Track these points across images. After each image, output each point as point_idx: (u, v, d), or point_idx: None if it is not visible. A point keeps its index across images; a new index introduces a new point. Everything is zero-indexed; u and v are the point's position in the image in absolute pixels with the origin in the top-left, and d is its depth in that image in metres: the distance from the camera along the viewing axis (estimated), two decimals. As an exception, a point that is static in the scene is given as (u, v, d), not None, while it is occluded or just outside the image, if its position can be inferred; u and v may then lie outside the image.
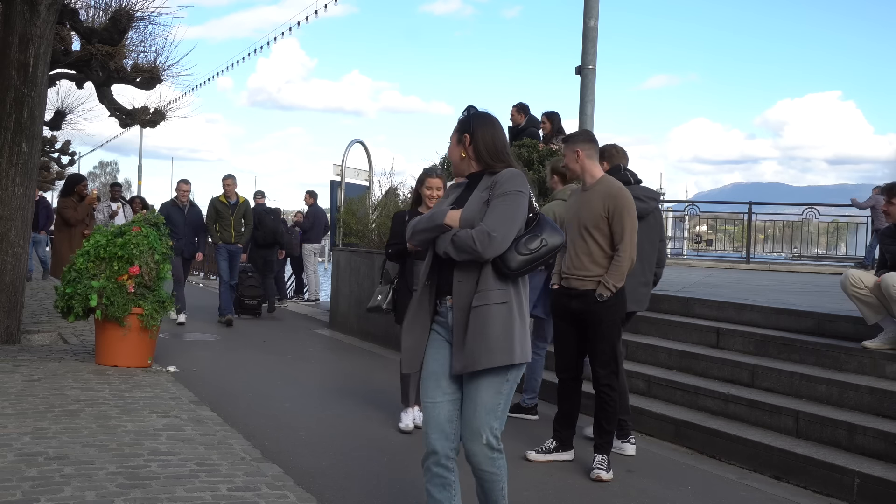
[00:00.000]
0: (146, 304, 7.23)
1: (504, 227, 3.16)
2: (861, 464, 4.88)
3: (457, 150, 3.42)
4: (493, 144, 3.35)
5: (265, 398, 6.81)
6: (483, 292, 3.19)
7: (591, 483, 4.93)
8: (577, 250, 5.00)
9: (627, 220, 4.92)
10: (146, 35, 12.78)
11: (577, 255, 5.01)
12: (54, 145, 30.22)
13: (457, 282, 3.25)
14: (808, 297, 8.39)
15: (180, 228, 11.21)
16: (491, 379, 3.22)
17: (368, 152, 14.72)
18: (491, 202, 3.21)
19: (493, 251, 3.14)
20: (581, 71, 9.82)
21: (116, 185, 17.41)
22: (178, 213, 11.41)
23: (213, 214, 11.53)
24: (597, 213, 4.95)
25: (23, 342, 8.40)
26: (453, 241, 3.19)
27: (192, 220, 11.58)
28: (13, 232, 8.20)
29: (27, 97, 8.17)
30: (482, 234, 3.13)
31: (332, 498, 4.32)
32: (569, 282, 5.06)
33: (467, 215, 3.23)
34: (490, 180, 3.28)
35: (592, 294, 4.95)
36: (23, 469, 4.17)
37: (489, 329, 3.16)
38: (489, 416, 3.23)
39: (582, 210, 5.03)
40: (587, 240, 4.98)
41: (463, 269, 3.23)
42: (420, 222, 3.36)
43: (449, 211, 3.28)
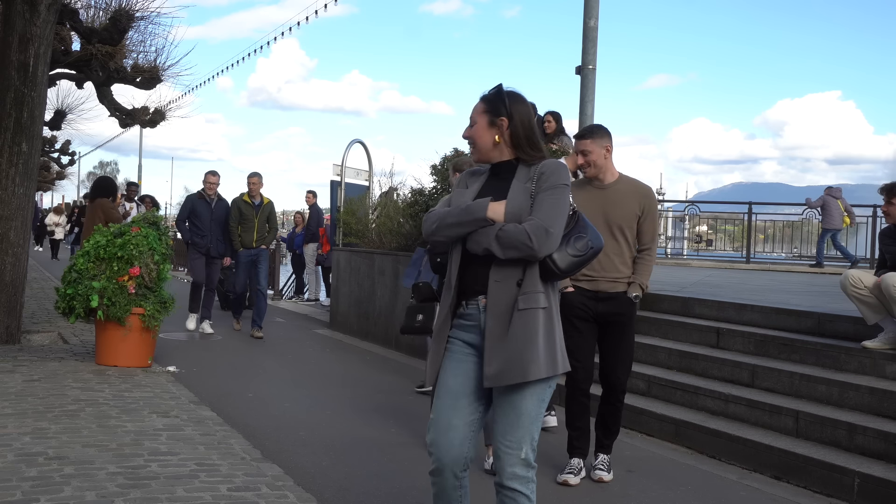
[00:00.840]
0: (147, 305, 7.23)
1: (558, 223, 2.87)
2: (861, 464, 4.88)
3: (489, 135, 3.02)
4: (531, 130, 3.00)
5: (265, 398, 6.81)
6: (529, 294, 2.87)
7: (591, 483, 4.93)
8: (608, 251, 4.65)
9: (656, 220, 4.88)
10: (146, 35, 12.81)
11: (606, 255, 4.67)
12: (54, 145, 30.25)
13: (494, 282, 2.90)
14: (808, 297, 8.39)
15: (206, 224, 10.33)
16: (535, 385, 2.91)
17: (368, 152, 14.72)
18: (538, 195, 2.89)
19: (549, 249, 2.84)
20: (581, 71, 9.81)
21: (133, 185, 17.10)
22: (205, 208, 10.40)
23: (237, 216, 10.38)
24: (631, 212, 4.75)
25: (23, 342, 8.40)
26: (499, 236, 2.84)
27: (220, 215, 10.45)
28: (13, 232, 8.20)
29: (27, 97, 8.18)
30: (539, 229, 2.81)
31: (332, 498, 4.32)
32: (596, 284, 4.75)
33: (513, 209, 2.89)
34: (534, 171, 2.95)
35: (624, 296, 4.77)
36: (23, 469, 4.17)
37: (538, 335, 2.86)
38: (532, 426, 2.95)
39: (611, 209, 4.74)
40: (619, 240, 4.75)
41: (503, 267, 2.89)
42: (450, 215, 2.96)
43: (490, 203, 2.91)
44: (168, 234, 7.98)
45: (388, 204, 11.78)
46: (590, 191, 4.80)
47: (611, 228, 4.71)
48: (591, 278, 4.74)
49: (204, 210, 10.38)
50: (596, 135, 4.80)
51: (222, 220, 10.41)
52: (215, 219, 10.41)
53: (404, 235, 10.47)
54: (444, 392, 3.01)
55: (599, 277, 4.75)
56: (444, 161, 9.60)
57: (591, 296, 4.77)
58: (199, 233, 10.33)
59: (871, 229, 16.38)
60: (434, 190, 9.72)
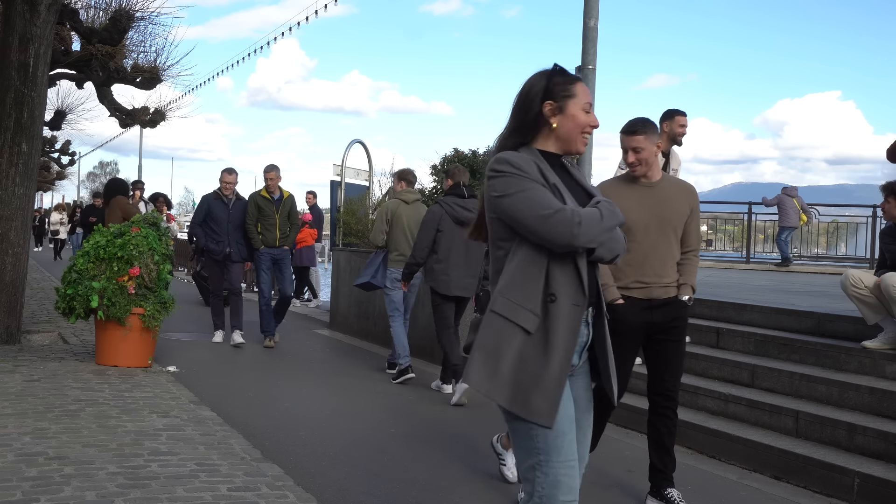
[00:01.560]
0: (147, 305, 7.24)
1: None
2: (861, 464, 4.88)
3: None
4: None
5: (265, 398, 6.81)
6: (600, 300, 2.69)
7: (590, 483, 4.92)
8: (662, 255, 4.35)
9: (699, 219, 4.57)
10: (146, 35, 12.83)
11: (661, 260, 4.34)
12: (54, 145, 30.29)
13: (601, 286, 2.70)
14: (808, 297, 8.39)
15: (223, 227, 9.45)
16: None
17: (368, 152, 14.74)
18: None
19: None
20: (581, 71, 9.81)
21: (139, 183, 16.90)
22: (222, 209, 9.49)
23: (255, 213, 9.47)
24: (683, 212, 4.41)
25: (23, 342, 8.40)
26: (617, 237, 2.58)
27: (238, 217, 9.53)
28: (13, 232, 8.21)
29: (27, 97, 8.18)
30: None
31: (332, 498, 4.32)
32: (649, 292, 4.33)
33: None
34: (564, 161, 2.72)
35: (678, 302, 4.40)
36: (23, 469, 4.17)
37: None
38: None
39: (663, 208, 4.36)
40: (672, 241, 4.38)
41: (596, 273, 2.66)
42: (609, 218, 2.53)
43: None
44: (168, 234, 7.98)
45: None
46: (638, 189, 4.37)
47: (664, 229, 4.35)
48: (645, 285, 4.34)
49: (221, 212, 9.48)
50: (648, 130, 4.39)
51: (242, 222, 9.50)
52: (233, 221, 9.49)
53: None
54: (568, 422, 2.55)
55: (653, 284, 4.35)
56: (444, 161, 9.61)
57: (644, 305, 4.34)
58: (216, 237, 9.45)
59: (871, 229, 16.40)
60: (434, 190, 9.71)
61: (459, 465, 5.13)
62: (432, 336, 9.11)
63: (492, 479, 4.83)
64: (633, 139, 4.34)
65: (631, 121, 4.40)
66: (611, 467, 5.26)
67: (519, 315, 2.48)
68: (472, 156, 9.56)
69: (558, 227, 2.43)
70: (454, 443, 5.66)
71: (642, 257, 4.29)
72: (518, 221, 2.49)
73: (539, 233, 2.45)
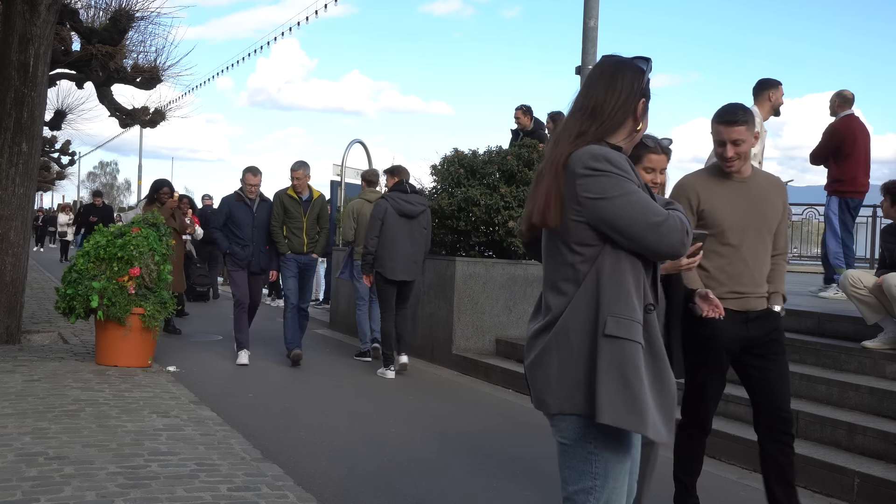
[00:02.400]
0: (147, 305, 7.24)
1: None
2: (861, 464, 4.88)
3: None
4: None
5: (265, 398, 6.81)
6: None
7: (591, 483, 4.92)
8: (759, 261, 3.81)
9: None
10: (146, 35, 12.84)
11: (758, 267, 3.81)
12: (54, 145, 30.29)
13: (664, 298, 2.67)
14: (808, 297, 8.39)
15: (247, 232, 8.50)
16: None
17: (368, 152, 14.74)
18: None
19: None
20: (581, 71, 9.82)
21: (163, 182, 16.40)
22: (245, 212, 8.54)
23: (280, 214, 8.56)
24: (778, 211, 3.86)
25: (23, 342, 8.41)
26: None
27: (264, 220, 8.60)
28: (13, 232, 8.21)
29: (27, 97, 8.19)
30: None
31: (332, 498, 4.32)
32: (746, 303, 3.77)
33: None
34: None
35: (773, 313, 3.85)
36: (23, 469, 4.17)
37: None
38: None
39: (758, 207, 3.79)
40: (769, 246, 3.85)
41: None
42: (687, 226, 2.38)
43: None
44: (169, 235, 7.98)
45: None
46: (731, 187, 3.80)
47: (760, 231, 3.79)
48: (742, 295, 3.77)
49: (244, 215, 8.52)
50: (749, 118, 3.74)
51: (267, 225, 8.57)
52: (258, 225, 8.55)
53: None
54: (634, 450, 2.44)
55: (750, 294, 3.78)
56: (444, 161, 9.61)
57: (741, 318, 3.78)
58: (240, 241, 8.50)
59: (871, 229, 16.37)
60: (434, 190, 9.72)
61: (460, 464, 5.13)
62: (432, 336, 9.12)
63: (492, 479, 4.83)
64: (734, 130, 3.69)
65: (729, 108, 3.76)
66: (611, 467, 5.26)
67: (633, 332, 2.29)
68: (472, 155, 9.55)
69: (669, 236, 2.27)
70: (454, 442, 5.66)
71: (739, 264, 3.75)
72: (619, 227, 2.27)
73: (645, 241, 2.27)
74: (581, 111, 2.40)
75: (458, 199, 9.04)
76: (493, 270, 8.84)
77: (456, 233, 9.27)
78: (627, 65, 2.42)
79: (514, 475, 4.94)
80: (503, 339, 8.75)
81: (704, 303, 3.54)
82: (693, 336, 3.71)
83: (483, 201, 8.85)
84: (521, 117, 10.83)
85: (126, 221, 11.32)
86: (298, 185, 8.69)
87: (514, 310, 8.87)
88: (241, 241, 8.48)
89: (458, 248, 9.40)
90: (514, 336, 8.81)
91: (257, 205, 8.60)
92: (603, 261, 2.31)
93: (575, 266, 2.34)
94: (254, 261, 8.52)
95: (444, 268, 8.92)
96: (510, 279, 8.89)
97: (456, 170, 9.35)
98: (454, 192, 9.22)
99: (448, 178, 9.42)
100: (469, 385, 7.97)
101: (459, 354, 8.66)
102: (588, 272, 2.32)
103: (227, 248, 8.55)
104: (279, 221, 8.57)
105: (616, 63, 2.44)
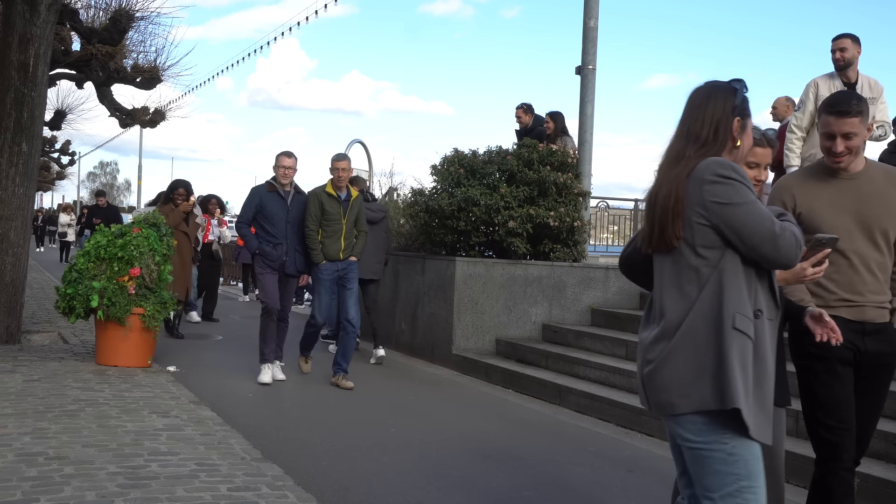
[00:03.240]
0: (148, 305, 7.24)
1: None
2: (861, 464, 4.87)
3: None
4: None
5: (265, 398, 6.81)
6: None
7: (590, 483, 4.93)
8: (874, 265, 3.37)
9: None
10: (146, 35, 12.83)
11: (872, 273, 3.37)
12: (54, 145, 30.31)
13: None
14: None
15: (279, 227, 7.31)
16: None
17: (368, 152, 14.77)
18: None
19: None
20: (581, 71, 9.83)
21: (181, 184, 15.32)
22: (278, 204, 7.33)
23: (318, 214, 7.33)
24: (894, 209, 3.39)
25: (23, 342, 8.41)
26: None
27: (299, 214, 7.40)
28: (13, 232, 8.22)
29: (27, 97, 8.19)
30: None
31: (332, 498, 4.32)
32: (862, 312, 3.35)
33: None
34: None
35: (892, 328, 3.42)
36: (23, 469, 4.17)
37: None
38: None
39: (870, 207, 3.36)
40: (883, 249, 3.39)
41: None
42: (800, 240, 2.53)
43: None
44: (170, 235, 7.98)
45: (389, 204, 11.79)
46: (838, 185, 3.39)
47: (871, 234, 3.37)
48: (855, 304, 3.36)
49: (277, 207, 7.34)
50: (864, 109, 3.32)
51: (302, 221, 7.40)
52: (293, 220, 7.36)
53: (404, 236, 10.47)
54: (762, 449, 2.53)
55: (866, 303, 3.37)
56: (444, 161, 9.61)
57: (856, 329, 3.34)
58: (272, 239, 7.33)
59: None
60: (434, 190, 9.72)
61: (460, 464, 5.12)
62: (432, 336, 9.12)
63: (492, 479, 4.83)
64: (846, 122, 3.29)
65: (841, 98, 3.36)
66: (611, 467, 5.26)
67: (750, 329, 2.44)
68: (472, 155, 9.56)
69: (787, 246, 2.42)
70: (454, 442, 5.66)
71: (849, 271, 3.35)
72: (741, 233, 2.41)
73: (763, 249, 2.41)
74: (679, 136, 2.59)
75: (458, 199, 9.05)
76: (493, 270, 8.84)
77: (456, 233, 9.27)
78: (718, 87, 2.59)
79: (514, 475, 4.94)
80: (503, 339, 8.76)
81: (818, 325, 3.13)
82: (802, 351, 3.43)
83: (483, 201, 8.85)
84: (523, 116, 10.84)
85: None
86: (340, 181, 7.38)
87: (514, 310, 8.88)
88: (272, 239, 7.32)
89: (458, 248, 9.40)
90: (514, 336, 8.81)
91: (292, 197, 7.42)
92: (725, 263, 2.45)
93: (699, 269, 2.47)
94: (288, 261, 7.36)
95: (444, 268, 8.92)
96: (510, 279, 8.89)
97: (456, 170, 9.35)
98: (454, 192, 9.22)
99: (448, 178, 9.43)
100: (469, 385, 7.97)
101: (459, 354, 8.67)
102: (711, 275, 2.46)
103: (257, 247, 7.37)
104: (316, 223, 7.32)
105: (707, 87, 2.61)
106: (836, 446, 3.33)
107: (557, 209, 9.02)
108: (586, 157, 9.74)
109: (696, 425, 2.43)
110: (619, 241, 18.88)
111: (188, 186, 10.00)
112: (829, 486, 3.35)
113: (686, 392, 2.43)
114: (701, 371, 2.42)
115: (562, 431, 6.26)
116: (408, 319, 9.72)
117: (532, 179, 9.06)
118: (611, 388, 7.08)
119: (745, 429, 2.38)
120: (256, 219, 7.39)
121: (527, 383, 7.73)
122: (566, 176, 9.19)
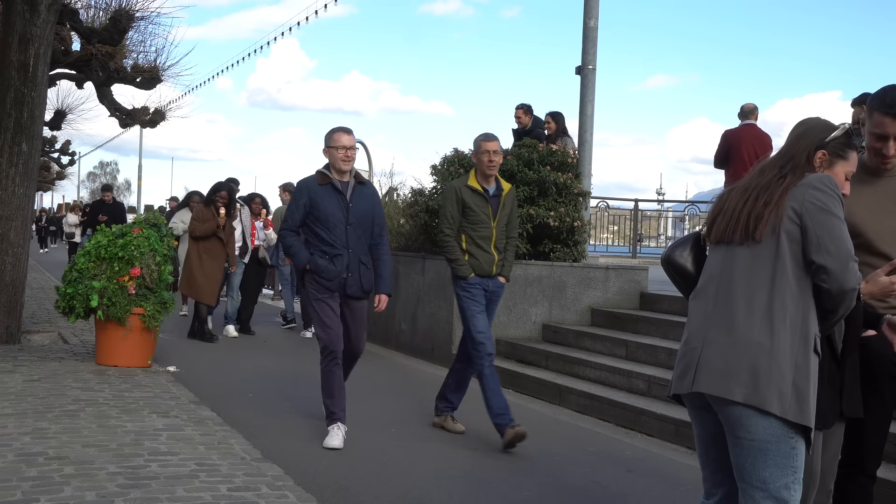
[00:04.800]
0: (148, 305, 7.24)
1: None
2: (861, 464, 4.86)
3: None
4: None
5: (265, 398, 6.81)
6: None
7: (591, 483, 4.93)
8: None
9: None
10: (146, 35, 12.82)
11: None
12: (54, 145, 30.28)
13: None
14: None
15: (338, 232, 5.37)
16: None
17: (368, 152, 14.76)
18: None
19: None
20: (581, 71, 9.83)
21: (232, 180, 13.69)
22: (334, 201, 5.38)
23: (457, 215, 5.69)
24: None
25: (23, 342, 8.41)
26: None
27: (365, 214, 5.51)
28: (13, 232, 8.21)
29: (27, 97, 8.18)
30: None
31: (332, 498, 4.32)
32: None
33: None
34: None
35: None
36: (23, 469, 4.17)
37: None
38: None
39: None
40: None
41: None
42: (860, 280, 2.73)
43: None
44: (171, 235, 7.97)
45: (388, 204, 11.78)
46: (877, 185, 3.20)
47: None
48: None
49: (333, 205, 5.38)
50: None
51: (368, 221, 5.55)
52: (355, 221, 5.44)
53: (404, 236, 10.46)
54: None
55: None
56: (444, 161, 9.60)
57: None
58: (328, 249, 5.38)
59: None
60: (434, 190, 9.72)
61: (460, 465, 5.13)
62: (432, 336, 9.12)
63: (493, 480, 4.83)
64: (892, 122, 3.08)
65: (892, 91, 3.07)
66: (611, 467, 5.26)
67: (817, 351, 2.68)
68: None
69: (853, 273, 2.56)
70: (454, 442, 5.66)
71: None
72: (824, 239, 2.56)
73: (834, 263, 2.55)
74: (781, 156, 2.81)
75: (458, 199, 9.03)
76: (493, 270, 8.83)
77: (456, 233, 9.25)
78: (817, 122, 2.85)
79: (514, 475, 4.94)
80: (503, 339, 8.75)
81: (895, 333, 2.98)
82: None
83: (483, 201, 8.84)
84: (522, 116, 10.84)
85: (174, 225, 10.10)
86: (489, 167, 5.65)
87: (514, 310, 8.87)
88: (328, 249, 5.36)
89: (458, 248, 9.38)
90: (514, 336, 8.81)
91: (352, 190, 5.46)
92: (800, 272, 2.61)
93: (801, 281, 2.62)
94: (351, 277, 5.39)
95: (444, 268, 8.90)
96: (510, 279, 8.88)
97: (456, 170, 9.35)
98: (454, 192, 9.20)
99: (448, 178, 9.42)
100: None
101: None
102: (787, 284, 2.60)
103: (307, 261, 5.38)
104: (455, 226, 5.68)
105: (810, 120, 2.88)
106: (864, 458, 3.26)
107: (557, 209, 9.02)
108: (586, 157, 9.74)
109: (765, 422, 2.56)
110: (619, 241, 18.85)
111: (231, 191, 9.41)
112: (848, 490, 3.27)
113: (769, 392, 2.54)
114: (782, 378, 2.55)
115: (562, 431, 6.26)
116: (408, 319, 9.72)
117: (532, 179, 9.06)
118: (611, 388, 7.08)
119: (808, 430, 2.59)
120: (307, 222, 5.45)
121: (527, 383, 7.73)
122: (566, 176, 9.19)
